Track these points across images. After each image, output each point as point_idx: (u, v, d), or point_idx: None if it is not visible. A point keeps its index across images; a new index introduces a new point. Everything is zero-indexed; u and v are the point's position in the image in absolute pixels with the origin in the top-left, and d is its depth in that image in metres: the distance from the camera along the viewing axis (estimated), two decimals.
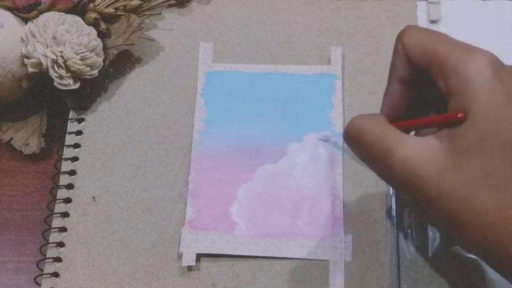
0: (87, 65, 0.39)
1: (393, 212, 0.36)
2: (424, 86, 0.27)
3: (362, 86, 0.41)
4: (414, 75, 0.27)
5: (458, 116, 0.23)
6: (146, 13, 0.44)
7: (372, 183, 0.38)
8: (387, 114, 0.28)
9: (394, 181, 0.25)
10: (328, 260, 0.35)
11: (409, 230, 0.36)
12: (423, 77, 0.26)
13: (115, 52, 0.41)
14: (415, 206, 0.25)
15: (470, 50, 0.24)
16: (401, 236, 0.36)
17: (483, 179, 0.22)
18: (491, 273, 0.34)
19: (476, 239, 0.23)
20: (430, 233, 0.35)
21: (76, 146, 0.40)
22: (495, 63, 0.24)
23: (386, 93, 0.29)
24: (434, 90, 0.26)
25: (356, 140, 0.27)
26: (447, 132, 0.24)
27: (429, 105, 0.29)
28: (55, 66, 0.38)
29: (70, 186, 0.39)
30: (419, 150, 0.24)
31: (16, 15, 0.39)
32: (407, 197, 0.25)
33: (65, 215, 0.38)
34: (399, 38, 0.27)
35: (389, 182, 0.27)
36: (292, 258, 0.36)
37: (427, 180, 0.23)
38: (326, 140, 0.39)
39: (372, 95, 0.40)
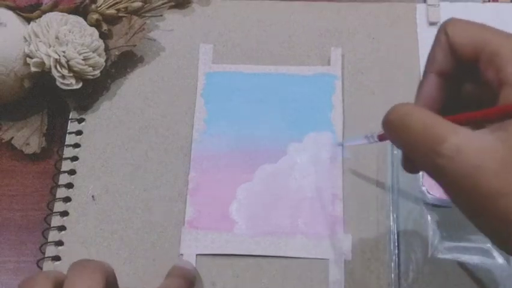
0: (89, 65, 0.39)
1: (393, 212, 0.36)
2: (463, 80, 0.26)
3: (362, 86, 0.41)
4: (455, 68, 0.26)
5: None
6: (148, 14, 0.44)
7: (372, 182, 0.38)
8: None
9: (443, 172, 0.22)
10: (328, 259, 0.35)
11: (409, 230, 0.36)
12: (464, 70, 0.25)
13: (116, 53, 0.41)
14: (456, 200, 0.23)
15: None
16: (401, 235, 0.36)
17: None
18: (491, 274, 0.34)
19: None
20: (430, 233, 0.35)
21: (76, 145, 0.40)
22: None
23: (420, 87, 0.27)
24: (474, 85, 0.25)
25: (400, 125, 0.24)
26: (499, 126, 0.22)
27: (466, 101, 0.27)
28: (58, 66, 0.38)
29: (69, 186, 0.39)
30: (474, 139, 0.22)
31: (19, 14, 0.39)
32: (453, 190, 0.23)
33: (64, 213, 0.38)
34: (443, 29, 0.26)
35: (435, 173, 0.24)
36: (292, 258, 0.36)
37: (486, 172, 0.21)
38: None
39: (372, 95, 0.41)
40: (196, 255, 0.36)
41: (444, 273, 0.34)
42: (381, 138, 0.31)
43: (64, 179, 0.39)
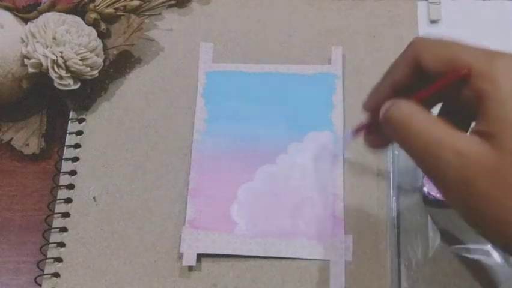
0: (87, 66, 0.39)
1: (394, 212, 0.36)
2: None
3: (362, 85, 0.41)
4: (412, 82, 0.26)
5: (463, 72, 0.23)
6: (146, 13, 0.44)
7: (372, 183, 0.38)
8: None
9: (442, 175, 0.24)
10: (329, 260, 0.35)
11: (410, 230, 0.36)
12: (419, 84, 0.26)
13: (114, 52, 0.41)
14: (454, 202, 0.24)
15: (493, 52, 0.24)
16: (401, 236, 0.36)
17: None
18: (491, 274, 0.34)
19: None
20: (430, 233, 0.35)
21: (77, 146, 0.40)
22: None
23: (374, 89, 0.28)
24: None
25: (402, 126, 0.25)
26: (490, 133, 0.23)
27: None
28: (55, 67, 0.38)
29: (70, 187, 0.39)
30: (472, 146, 0.23)
31: (16, 15, 0.39)
32: (451, 193, 0.24)
33: (65, 215, 0.38)
34: (412, 43, 0.26)
35: (433, 174, 0.25)
36: (292, 258, 0.36)
37: (482, 178, 0.22)
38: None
39: None
40: (197, 255, 0.36)
41: (444, 273, 0.35)
42: (355, 134, 0.31)
43: (64, 180, 0.39)
